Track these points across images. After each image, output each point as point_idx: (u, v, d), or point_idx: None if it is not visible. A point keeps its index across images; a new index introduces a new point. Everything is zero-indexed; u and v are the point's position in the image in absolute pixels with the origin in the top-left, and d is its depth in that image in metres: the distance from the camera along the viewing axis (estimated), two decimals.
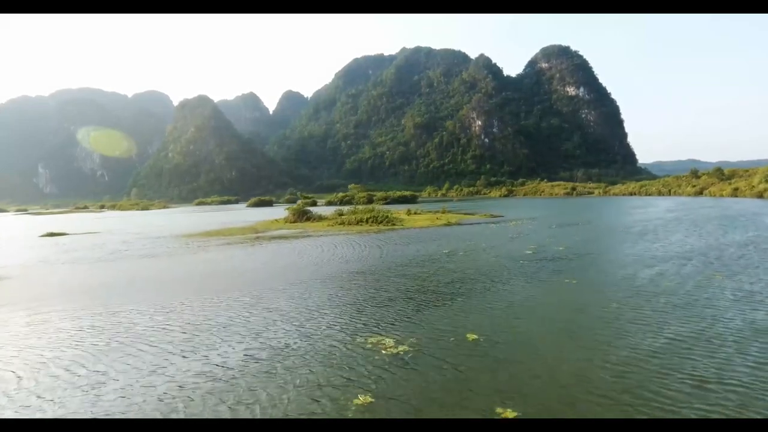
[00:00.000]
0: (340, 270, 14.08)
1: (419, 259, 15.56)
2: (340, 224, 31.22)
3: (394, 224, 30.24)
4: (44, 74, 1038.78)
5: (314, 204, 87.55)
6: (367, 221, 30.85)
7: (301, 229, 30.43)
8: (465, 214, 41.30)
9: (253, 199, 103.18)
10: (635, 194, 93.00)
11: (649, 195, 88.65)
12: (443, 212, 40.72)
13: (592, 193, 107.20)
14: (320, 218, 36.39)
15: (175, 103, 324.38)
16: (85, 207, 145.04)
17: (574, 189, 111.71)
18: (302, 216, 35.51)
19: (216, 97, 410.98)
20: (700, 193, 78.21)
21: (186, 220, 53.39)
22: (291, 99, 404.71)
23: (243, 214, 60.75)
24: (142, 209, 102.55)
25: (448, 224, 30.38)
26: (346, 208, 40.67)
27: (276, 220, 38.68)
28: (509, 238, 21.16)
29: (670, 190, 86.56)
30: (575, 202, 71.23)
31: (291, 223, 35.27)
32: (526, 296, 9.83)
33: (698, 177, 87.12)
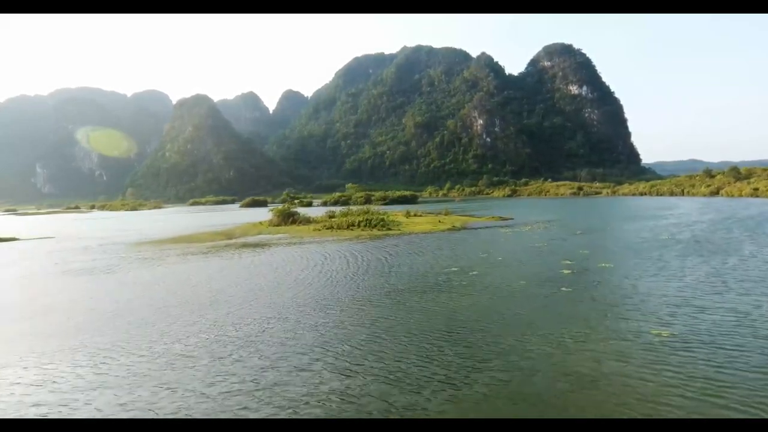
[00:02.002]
0: (303, 302, 10.01)
1: (418, 282, 11.48)
2: (328, 228, 27.13)
3: (390, 228, 26.14)
4: (43, 73, 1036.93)
5: (309, 204, 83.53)
6: (359, 225, 26.74)
7: (284, 234, 26.37)
8: (470, 216, 37.18)
9: (247, 199, 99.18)
10: (645, 194, 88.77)
11: (661, 195, 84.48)
12: (446, 214, 36.67)
13: (600, 193, 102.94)
14: (308, 221, 32.34)
15: (175, 102, 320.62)
16: (77, 207, 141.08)
17: (580, 189, 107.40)
18: (287, 219, 31.42)
19: (216, 97, 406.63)
20: (716, 193, 74.04)
21: (167, 222, 49.36)
22: (291, 98, 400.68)
23: (232, 215, 56.75)
24: (131, 209, 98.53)
25: (453, 229, 26.24)
26: (338, 209, 36.70)
27: (261, 222, 34.57)
28: (532, 249, 17.04)
29: (683, 190, 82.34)
30: (586, 202, 67.07)
31: (274, 226, 31.20)
32: (603, 370, 5.70)
33: (712, 177, 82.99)
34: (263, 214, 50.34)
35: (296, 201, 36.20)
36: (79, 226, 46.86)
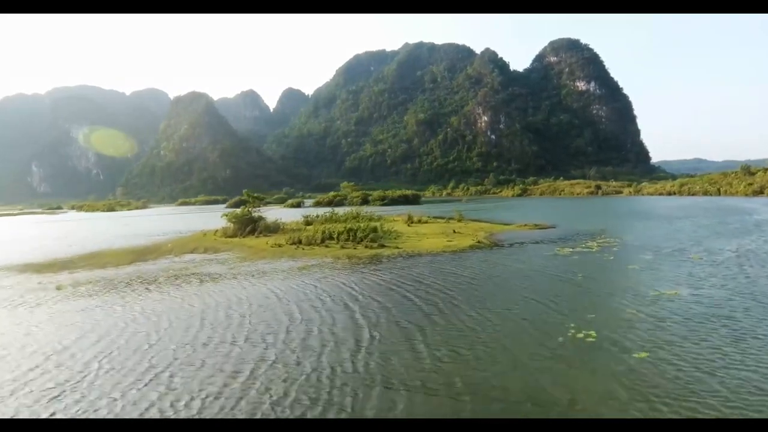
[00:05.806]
0: None
1: None
2: (294, 244, 18.58)
3: (383, 245, 17.61)
4: (41, 72, 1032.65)
5: (300, 205, 75.24)
6: (338, 238, 18.20)
7: (227, 253, 17.87)
8: (490, 222, 28.58)
9: (234, 199, 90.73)
10: (674, 194, 79.94)
11: (693, 195, 75.76)
12: (459, 219, 27.92)
13: (621, 192, 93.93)
14: (277, 228, 23.91)
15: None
16: (59, 207, 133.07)
17: (598, 188, 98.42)
18: (245, 227, 22.93)
19: (216, 95, 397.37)
20: (759, 192, 65.49)
21: (124, 227, 40.79)
22: (291, 97, 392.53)
23: (203, 219, 48.17)
24: (108, 210, 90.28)
25: (479, 245, 17.59)
26: (321, 213, 28.36)
27: (214, 231, 25.98)
28: (665, 306, 8.49)
29: (718, 189, 73.55)
30: (614, 203, 58.29)
31: (228, 237, 22.75)
32: None
33: (752, 174, 74.29)
34: None
35: (261, 203, 25.73)
36: (8, 232, 38.58)
